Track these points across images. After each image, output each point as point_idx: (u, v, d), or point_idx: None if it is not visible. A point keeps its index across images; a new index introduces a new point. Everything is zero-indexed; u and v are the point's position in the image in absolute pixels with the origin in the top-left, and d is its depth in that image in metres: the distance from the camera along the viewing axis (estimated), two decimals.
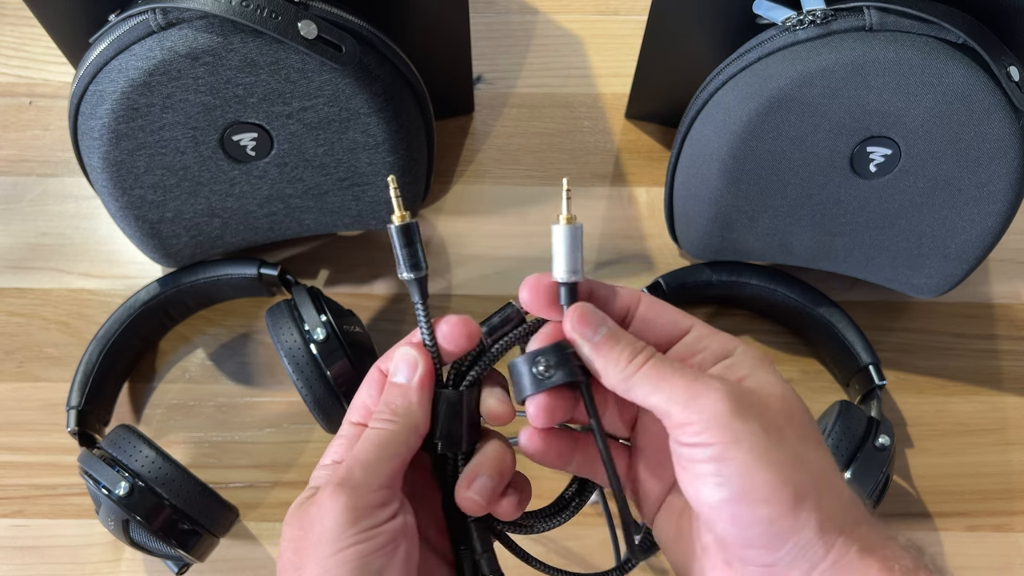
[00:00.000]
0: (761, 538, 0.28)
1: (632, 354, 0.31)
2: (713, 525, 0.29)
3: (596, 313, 0.32)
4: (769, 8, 0.47)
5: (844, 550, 0.28)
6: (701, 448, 0.29)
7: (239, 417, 0.55)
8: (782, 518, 0.28)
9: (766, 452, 0.28)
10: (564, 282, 0.32)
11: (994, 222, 0.48)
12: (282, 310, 0.49)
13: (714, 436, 0.28)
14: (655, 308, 0.33)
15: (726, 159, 0.48)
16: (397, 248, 0.33)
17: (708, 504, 0.29)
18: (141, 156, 0.47)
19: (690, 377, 0.30)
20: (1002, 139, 0.45)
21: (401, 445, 0.31)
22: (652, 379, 0.30)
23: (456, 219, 0.61)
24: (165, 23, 0.44)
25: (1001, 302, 0.60)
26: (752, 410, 0.29)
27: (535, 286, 0.32)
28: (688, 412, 0.29)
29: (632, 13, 0.70)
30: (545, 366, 0.31)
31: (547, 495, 0.53)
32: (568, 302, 0.32)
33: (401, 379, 0.33)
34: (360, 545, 0.29)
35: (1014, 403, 0.57)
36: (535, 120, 0.65)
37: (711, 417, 0.28)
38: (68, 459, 0.54)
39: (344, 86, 0.46)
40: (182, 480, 0.46)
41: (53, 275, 0.59)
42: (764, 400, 0.30)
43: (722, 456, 0.28)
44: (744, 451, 0.28)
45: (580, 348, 0.31)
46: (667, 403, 0.29)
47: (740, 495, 0.28)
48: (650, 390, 0.30)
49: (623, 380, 0.30)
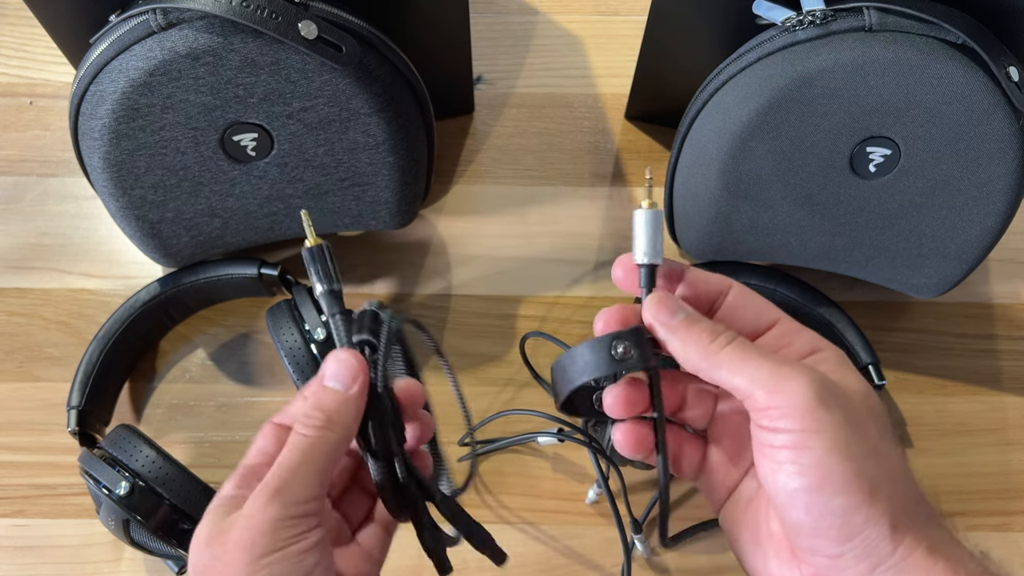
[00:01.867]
0: (833, 529, 0.29)
1: (712, 335, 0.31)
2: (786, 512, 0.30)
3: (673, 299, 0.32)
4: (769, 8, 0.47)
5: (912, 548, 0.29)
6: (782, 434, 0.29)
7: (239, 417, 0.55)
8: (856, 511, 0.28)
9: (847, 444, 0.28)
10: (643, 264, 0.33)
11: (994, 222, 0.48)
12: (282, 310, 0.49)
13: (796, 423, 0.28)
14: (744, 297, 0.34)
15: (726, 159, 0.48)
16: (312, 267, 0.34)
17: (784, 491, 0.29)
18: (141, 156, 0.47)
19: (776, 361, 0.30)
20: (1002, 139, 0.45)
21: (336, 453, 0.32)
22: (736, 359, 0.30)
23: (456, 219, 0.61)
24: (165, 23, 0.44)
25: (1001, 302, 0.60)
26: (836, 401, 0.29)
27: (629, 266, 0.33)
28: (773, 396, 0.29)
29: (632, 13, 0.70)
30: (624, 348, 0.32)
31: (547, 495, 0.53)
32: (647, 284, 0.33)
33: (338, 387, 0.32)
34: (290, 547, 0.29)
35: (1014, 403, 0.57)
36: (535, 120, 0.65)
37: (796, 403, 0.28)
38: (68, 459, 0.54)
39: (344, 86, 0.46)
40: (182, 480, 0.46)
41: (53, 275, 0.59)
42: (848, 394, 0.30)
43: (802, 444, 0.28)
44: (825, 441, 0.28)
45: (658, 331, 0.32)
46: (752, 385, 0.29)
47: (816, 485, 0.28)
48: (734, 370, 0.30)
49: (705, 359, 0.30)
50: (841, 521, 0.28)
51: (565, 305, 0.59)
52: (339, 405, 0.32)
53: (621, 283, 0.34)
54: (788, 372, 0.29)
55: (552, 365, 0.34)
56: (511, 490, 0.54)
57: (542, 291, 0.59)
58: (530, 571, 0.52)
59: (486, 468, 0.54)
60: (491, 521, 0.53)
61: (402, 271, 0.60)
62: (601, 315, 0.33)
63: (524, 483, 0.54)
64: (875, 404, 0.31)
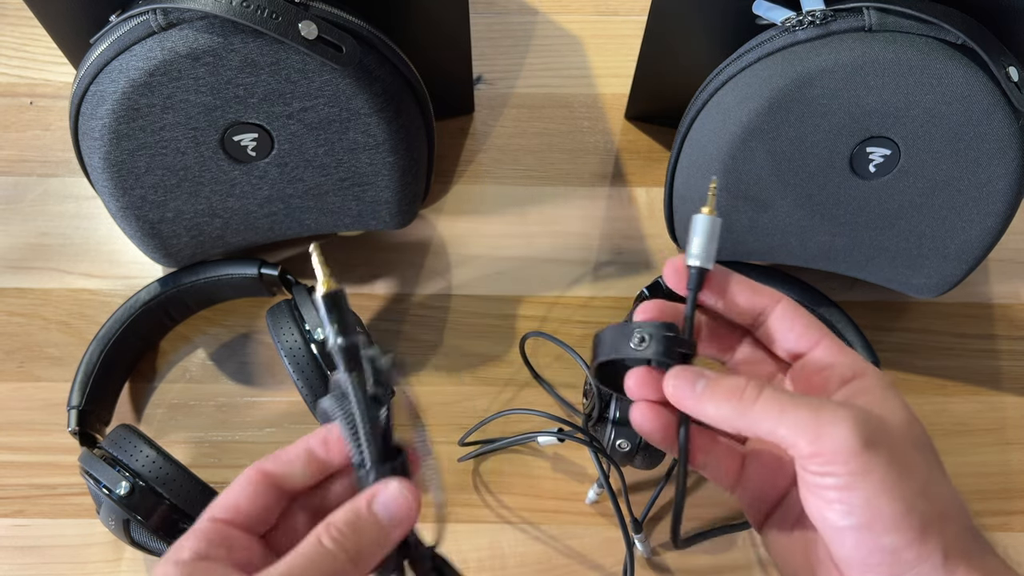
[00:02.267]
0: (884, 565, 0.28)
1: (739, 390, 0.30)
2: (835, 547, 0.29)
3: (689, 371, 0.32)
4: (768, 9, 0.47)
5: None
6: (829, 477, 0.28)
7: (240, 417, 0.55)
8: (907, 548, 0.28)
9: (896, 483, 0.28)
10: (694, 266, 0.33)
11: (993, 222, 0.48)
12: (283, 310, 0.50)
13: (842, 467, 0.28)
14: (790, 315, 0.33)
15: (726, 159, 0.48)
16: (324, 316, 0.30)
17: (832, 528, 0.29)
18: (142, 156, 0.47)
19: (813, 406, 0.29)
20: (1001, 139, 0.45)
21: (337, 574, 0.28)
22: (773, 411, 0.29)
23: (456, 219, 0.61)
24: (166, 23, 0.44)
25: (1001, 302, 0.60)
26: (880, 439, 0.29)
27: (680, 268, 0.33)
28: (816, 443, 0.28)
29: (632, 13, 0.70)
30: (642, 338, 0.32)
31: (547, 495, 0.53)
32: (695, 286, 0.33)
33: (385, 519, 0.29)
34: None
35: (1013, 403, 0.57)
36: (535, 120, 0.65)
37: (840, 448, 0.28)
38: (69, 459, 0.54)
39: (344, 86, 0.47)
40: (183, 480, 0.46)
41: (54, 275, 0.59)
42: (892, 428, 0.29)
43: (850, 485, 0.28)
44: (872, 482, 0.28)
45: (686, 406, 0.32)
46: (793, 434, 0.29)
47: (866, 524, 0.28)
48: (773, 423, 0.29)
49: (741, 416, 0.30)
50: (892, 559, 0.28)
51: (565, 305, 0.59)
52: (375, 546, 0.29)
53: (670, 282, 0.34)
54: (829, 417, 0.29)
55: (593, 336, 0.35)
56: (511, 490, 0.54)
57: (542, 291, 0.59)
58: (530, 571, 0.52)
59: (486, 468, 0.54)
60: (491, 521, 0.53)
61: (402, 271, 0.60)
62: (643, 305, 0.34)
63: (524, 483, 0.54)
64: (920, 433, 0.30)
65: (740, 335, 0.36)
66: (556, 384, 0.56)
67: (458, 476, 0.54)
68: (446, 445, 0.55)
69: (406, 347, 0.57)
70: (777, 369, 0.35)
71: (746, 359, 0.36)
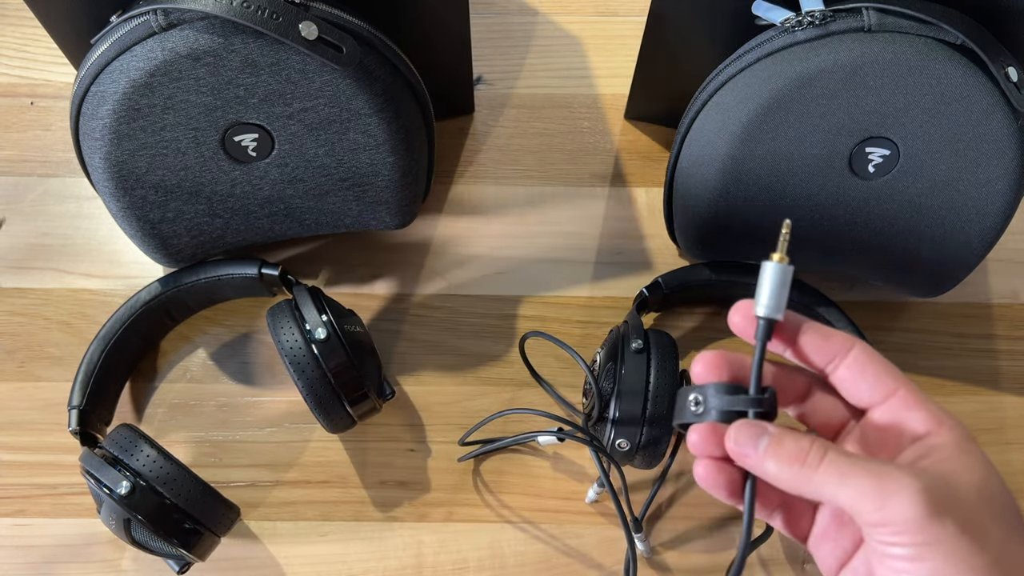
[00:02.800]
0: None
1: (802, 453, 0.29)
2: None
3: (751, 427, 0.31)
4: (768, 9, 0.47)
5: None
6: (895, 547, 0.28)
7: (240, 416, 0.55)
8: None
9: (967, 554, 0.27)
10: (763, 317, 0.32)
11: (992, 222, 0.48)
12: (283, 310, 0.50)
13: (908, 538, 0.27)
14: (864, 362, 0.32)
15: (725, 160, 0.48)
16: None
17: None
18: (142, 156, 0.47)
19: (877, 473, 0.28)
20: (1000, 139, 0.45)
21: None
22: (835, 475, 0.29)
23: (456, 219, 0.62)
24: (166, 24, 0.44)
25: (1000, 302, 0.60)
26: (949, 506, 0.27)
27: (748, 314, 0.32)
28: (881, 513, 0.28)
29: (632, 14, 0.70)
30: (695, 402, 0.32)
31: (547, 494, 0.53)
32: (764, 337, 0.32)
33: None
34: None
35: (1013, 403, 0.57)
36: (535, 120, 0.65)
37: (905, 519, 0.27)
38: (69, 458, 0.54)
39: (345, 87, 0.47)
40: (183, 479, 0.46)
41: (54, 275, 0.59)
42: (963, 492, 0.28)
43: (917, 557, 0.27)
44: (941, 553, 0.27)
45: (747, 465, 0.31)
46: (856, 502, 0.28)
47: None
48: (836, 487, 0.29)
49: (802, 480, 0.29)
50: None
51: (565, 305, 0.59)
52: None
53: (737, 328, 0.33)
54: (893, 485, 0.28)
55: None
56: (511, 489, 0.54)
57: (542, 291, 0.59)
58: (530, 570, 0.52)
59: (486, 468, 0.54)
60: (491, 520, 0.53)
61: (402, 271, 0.60)
62: (700, 358, 0.33)
63: (524, 483, 0.54)
64: (996, 495, 0.29)
65: (810, 382, 0.35)
66: (556, 384, 0.56)
67: (458, 476, 0.54)
68: (446, 445, 0.55)
69: (406, 347, 0.57)
70: (851, 415, 0.34)
71: (816, 406, 0.34)
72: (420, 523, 0.53)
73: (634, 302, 0.55)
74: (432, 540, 0.52)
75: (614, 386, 0.47)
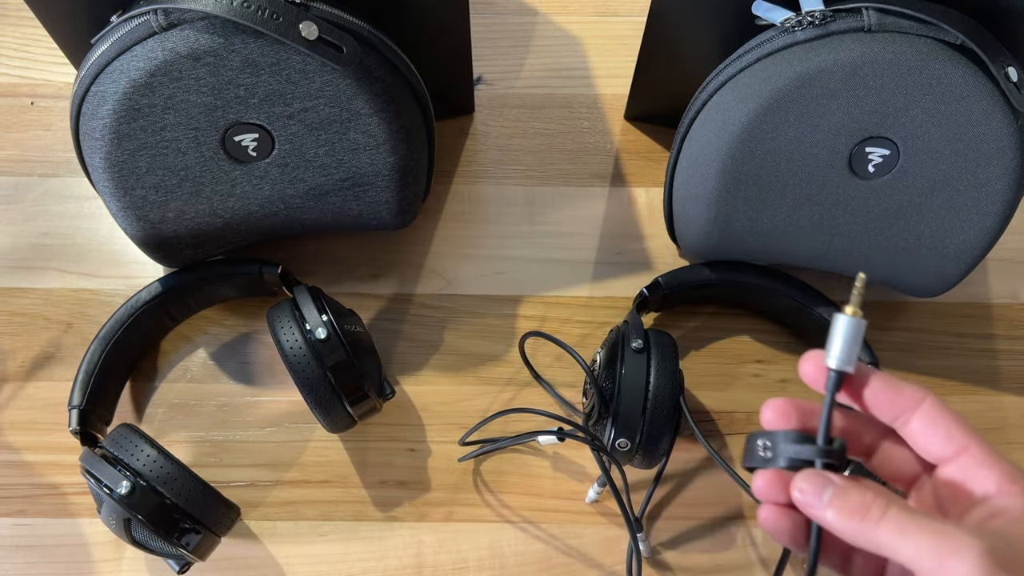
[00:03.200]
0: None
1: (864, 507, 0.30)
2: None
3: (816, 476, 0.31)
4: (768, 9, 0.47)
5: None
6: None
7: (240, 416, 0.55)
8: None
9: None
10: (834, 369, 0.32)
11: (992, 222, 0.48)
12: (283, 309, 0.50)
13: None
14: (935, 417, 0.32)
15: (725, 160, 0.48)
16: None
17: None
18: (143, 156, 0.48)
19: (938, 531, 0.28)
20: (1000, 139, 0.45)
21: None
22: (896, 532, 0.29)
23: (456, 219, 0.62)
24: (167, 24, 0.44)
25: (1000, 302, 0.60)
26: (1012, 569, 0.27)
27: (819, 364, 0.32)
28: (940, 573, 0.27)
29: (632, 14, 0.70)
30: (763, 447, 0.33)
31: (547, 494, 0.53)
32: (834, 388, 0.32)
33: None
34: None
35: (1013, 403, 0.57)
36: (535, 121, 0.65)
37: None
38: (70, 458, 0.54)
39: (345, 87, 0.47)
40: (183, 479, 0.46)
41: (55, 275, 0.59)
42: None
43: None
44: None
45: (811, 515, 0.31)
46: (916, 559, 0.28)
47: None
48: (896, 544, 0.29)
49: (863, 533, 0.29)
50: None
51: (565, 305, 0.59)
52: None
53: (808, 379, 0.33)
54: (952, 546, 0.27)
55: None
56: (511, 489, 0.54)
57: (542, 291, 0.59)
58: (530, 570, 0.52)
59: (486, 468, 0.54)
60: (491, 520, 0.53)
61: (402, 271, 0.60)
62: (769, 405, 0.33)
63: (524, 482, 0.54)
64: None
65: (882, 432, 0.35)
66: (556, 384, 0.56)
67: (458, 476, 0.54)
68: (446, 445, 0.55)
69: (406, 347, 0.58)
70: (923, 469, 0.34)
71: (888, 456, 0.35)
72: (420, 523, 0.53)
73: (634, 302, 0.55)
74: (432, 540, 0.52)
75: (614, 386, 0.47)
